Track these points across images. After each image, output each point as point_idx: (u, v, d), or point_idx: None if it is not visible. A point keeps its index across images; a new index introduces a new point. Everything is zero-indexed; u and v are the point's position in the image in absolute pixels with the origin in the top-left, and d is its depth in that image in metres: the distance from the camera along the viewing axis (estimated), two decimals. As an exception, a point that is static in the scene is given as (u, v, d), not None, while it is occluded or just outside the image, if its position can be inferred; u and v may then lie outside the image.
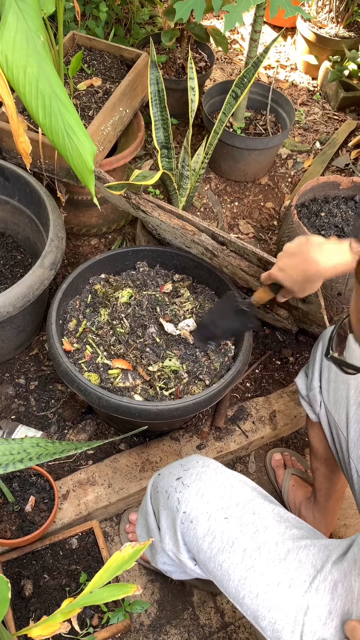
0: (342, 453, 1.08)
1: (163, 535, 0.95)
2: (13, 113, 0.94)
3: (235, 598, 0.84)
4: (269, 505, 0.89)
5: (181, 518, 0.89)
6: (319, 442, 1.22)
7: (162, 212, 1.36)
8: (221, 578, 0.85)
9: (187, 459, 0.98)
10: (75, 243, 1.91)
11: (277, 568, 0.81)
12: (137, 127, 1.79)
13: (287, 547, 0.83)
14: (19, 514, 1.23)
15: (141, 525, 1.10)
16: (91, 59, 1.81)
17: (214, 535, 0.86)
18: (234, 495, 0.89)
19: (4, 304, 1.26)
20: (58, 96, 0.86)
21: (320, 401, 1.13)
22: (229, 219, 2.08)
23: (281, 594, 0.80)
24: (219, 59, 2.74)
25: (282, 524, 0.87)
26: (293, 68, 2.78)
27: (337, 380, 1.08)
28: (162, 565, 1.02)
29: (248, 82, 1.53)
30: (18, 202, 1.59)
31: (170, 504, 0.92)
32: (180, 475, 0.94)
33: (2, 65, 0.84)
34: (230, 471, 0.94)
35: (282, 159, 2.31)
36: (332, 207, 1.73)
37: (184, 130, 2.30)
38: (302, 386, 1.19)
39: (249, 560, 0.83)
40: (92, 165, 0.92)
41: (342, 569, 0.79)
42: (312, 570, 0.80)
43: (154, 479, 1.03)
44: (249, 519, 0.86)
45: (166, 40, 2.01)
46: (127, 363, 1.29)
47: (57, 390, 1.56)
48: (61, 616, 0.88)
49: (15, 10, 0.87)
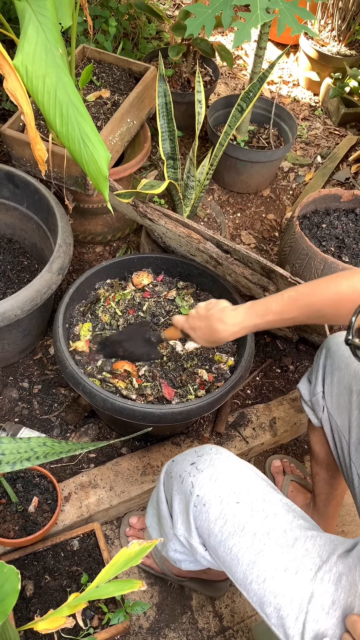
0: (343, 457, 1.10)
1: (175, 520, 0.97)
2: (31, 120, 0.97)
3: (243, 584, 0.86)
4: (278, 495, 0.92)
5: (194, 501, 0.92)
6: (320, 447, 1.24)
7: (168, 220, 1.39)
8: (230, 563, 0.87)
9: (200, 447, 1.01)
10: (80, 250, 1.94)
11: (284, 554, 0.83)
12: (143, 138, 1.83)
13: (295, 535, 0.85)
14: (22, 514, 1.24)
15: (151, 515, 1.11)
16: (100, 72, 1.85)
17: (225, 519, 0.88)
18: (245, 482, 0.92)
19: (13, 307, 1.29)
20: (75, 105, 0.90)
21: (323, 406, 1.16)
22: (231, 230, 2.12)
23: (288, 580, 0.82)
24: (223, 74, 2.80)
25: (290, 513, 0.89)
26: (295, 84, 2.84)
27: (339, 385, 1.11)
28: (173, 554, 1.04)
29: (253, 97, 1.58)
30: (27, 208, 1.62)
31: (184, 488, 0.94)
32: (194, 461, 0.96)
33: (22, 75, 0.87)
34: (242, 460, 0.97)
35: (284, 172, 2.36)
36: (333, 219, 1.76)
37: (188, 142, 2.35)
38: (305, 391, 1.21)
39: (258, 545, 0.85)
40: (107, 171, 0.95)
41: (347, 563, 0.81)
42: (318, 560, 0.82)
43: (168, 465, 1.05)
44: (259, 505, 0.89)
45: (173, 55, 2.06)
46: (132, 365, 1.31)
47: (60, 394, 1.58)
48: (67, 610, 0.89)
49: (35, 23, 0.90)
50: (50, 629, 0.90)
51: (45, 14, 0.94)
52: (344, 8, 2.51)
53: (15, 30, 1.69)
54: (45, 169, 1.13)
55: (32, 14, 0.93)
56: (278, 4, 1.22)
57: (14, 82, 0.92)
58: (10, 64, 0.92)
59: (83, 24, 2.04)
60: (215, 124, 2.18)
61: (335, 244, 1.71)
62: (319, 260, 1.54)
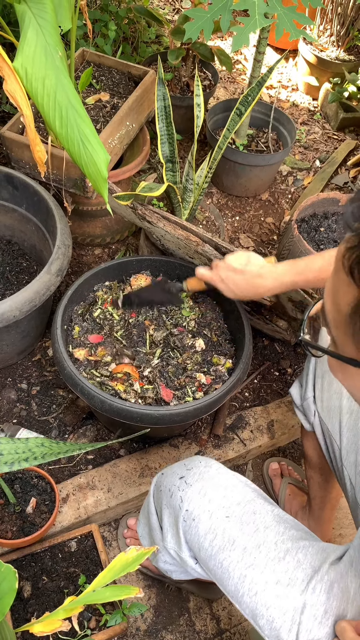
0: (335, 461, 1.10)
1: (165, 533, 0.97)
2: (31, 122, 0.98)
3: (235, 596, 0.86)
4: (269, 506, 0.91)
5: (183, 516, 0.91)
6: (313, 451, 1.25)
7: (167, 222, 1.40)
8: (221, 576, 0.87)
9: (190, 459, 1.01)
10: (79, 252, 1.94)
11: (276, 567, 0.83)
12: (142, 141, 1.83)
13: (286, 546, 0.85)
14: (20, 515, 1.24)
15: (143, 525, 1.11)
16: (100, 75, 1.86)
17: (215, 534, 0.88)
18: (235, 495, 0.92)
19: (11, 308, 1.29)
20: (74, 107, 0.91)
21: (314, 410, 1.15)
22: (230, 233, 2.13)
23: (279, 592, 0.82)
24: (222, 78, 2.82)
25: (281, 524, 0.89)
26: (294, 89, 2.86)
27: (330, 389, 1.11)
28: (163, 565, 1.04)
29: (252, 101, 1.59)
30: (26, 210, 1.63)
31: (173, 502, 0.94)
32: (183, 475, 0.96)
33: (22, 78, 0.88)
34: (231, 472, 0.96)
35: (283, 176, 2.37)
36: (332, 223, 1.77)
37: (187, 145, 2.36)
38: (297, 396, 1.21)
39: (248, 559, 0.85)
40: (106, 173, 0.96)
41: (338, 570, 0.81)
42: (310, 570, 0.82)
43: (157, 478, 1.05)
44: (249, 518, 0.88)
45: (172, 59, 2.07)
46: (132, 367, 1.32)
47: (58, 396, 1.59)
48: (63, 613, 0.89)
49: (35, 26, 0.91)
50: (47, 631, 0.90)
51: (44, 16, 0.95)
52: (343, 14, 2.53)
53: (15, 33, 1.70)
54: (45, 170, 1.13)
55: (31, 17, 0.93)
56: (276, 9, 1.23)
57: (13, 84, 0.93)
58: (10, 66, 0.92)
59: (83, 27, 2.05)
60: (214, 127, 2.19)
61: (334, 247, 1.71)
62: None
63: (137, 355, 1.35)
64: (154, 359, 1.35)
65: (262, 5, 1.24)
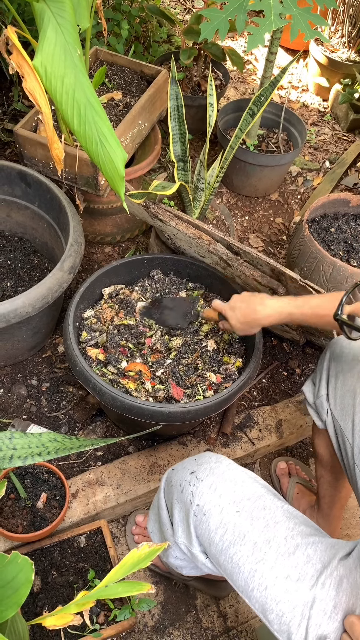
0: (347, 460, 1.10)
1: (176, 528, 0.98)
2: (49, 120, 0.98)
3: (245, 591, 0.86)
4: (279, 502, 0.92)
5: (194, 510, 0.92)
6: (324, 449, 1.25)
7: (179, 221, 1.41)
8: (231, 571, 0.88)
9: (200, 455, 1.01)
10: (89, 250, 1.95)
11: (286, 562, 0.84)
12: (154, 140, 1.84)
13: (296, 542, 0.86)
14: (30, 509, 1.25)
15: (153, 521, 1.12)
16: (112, 74, 1.87)
17: (225, 528, 0.89)
18: (245, 490, 0.92)
19: (24, 304, 1.30)
20: (93, 106, 0.91)
21: (327, 409, 1.16)
22: (239, 233, 2.13)
23: (289, 587, 0.82)
24: (233, 78, 2.82)
25: (291, 520, 0.89)
26: (304, 89, 2.86)
27: (343, 388, 1.12)
28: (174, 560, 1.05)
29: (265, 101, 1.59)
30: (38, 207, 1.64)
31: (184, 497, 0.95)
32: (194, 470, 0.97)
33: (41, 76, 0.89)
34: (241, 468, 0.97)
35: (293, 177, 2.37)
36: (342, 224, 1.77)
37: (197, 145, 2.37)
38: (310, 394, 1.22)
39: (259, 553, 0.85)
40: (123, 171, 0.97)
41: (347, 565, 0.82)
42: (320, 565, 0.83)
43: (168, 473, 1.05)
44: (259, 514, 0.89)
45: (184, 59, 2.08)
46: (145, 366, 1.32)
47: (68, 392, 1.60)
48: (75, 607, 0.90)
49: (54, 25, 0.92)
50: (58, 625, 0.91)
51: (64, 15, 0.96)
52: (355, 15, 2.52)
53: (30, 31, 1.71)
54: (62, 168, 1.14)
55: (51, 16, 0.94)
56: (292, 9, 1.24)
57: (33, 82, 0.93)
58: (29, 64, 0.93)
59: (96, 26, 2.06)
60: (225, 127, 2.20)
61: (344, 248, 1.72)
62: (328, 264, 1.55)
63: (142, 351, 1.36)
64: (167, 359, 1.36)
65: (278, 6, 1.24)
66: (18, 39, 1.01)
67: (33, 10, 1.01)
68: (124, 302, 1.48)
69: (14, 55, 0.95)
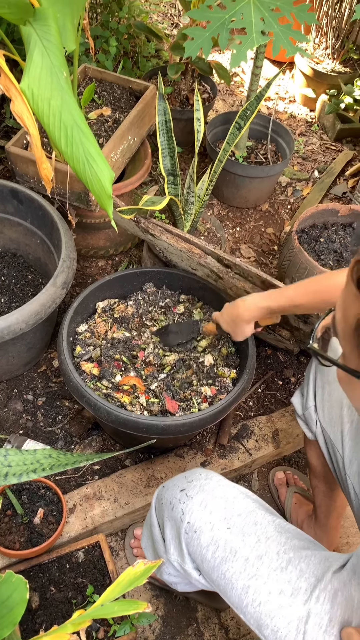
0: (339, 470, 1.11)
1: (168, 546, 0.98)
2: (37, 142, 1.00)
3: (239, 607, 0.86)
4: (270, 517, 0.92)
5: (185, 528, 0.92)
6: (316, 460, 1.25)
7: (169, 235, 1.42)
8: (225, 587, 0.88)
9: (190, 471, 1.01)
10: (82, 264, 1.97)
11: (278, 577, 0.84)
12: (144, 154, 1.86)
13: (288, 556, 0.86)
14: (27, 525, 1.26)
15: (146, 537, 1.12)
16: (101, 90, 1.90)
17: (217, 545, 0.89)
18: (236, 506, 0.92)
19: (18, 321, 1.31)
20: (79, 127, 0.93)
21: (316, 419, 1.16)
22: (231, 244, 2.15)
23: (283, 602, 0.82)
24: (221, 91, 2.86)
25: (283, 534, 0.89)
26: (292, 100, 2.90)
27: (331, 399, 1.12)
28: (167, 577, 1.05)
29: (251, 115, 1.62)
30: (30, 224, 1.65)
31: (174, 515, 0.95)
32: (184, 487, 0.97)
33: (28, 98, 0.91)
34: (232, 483, 0.97)
35: (282, 187, 2.40)
36: (331, 233, 1.80)
37: (187, 157, 2.39)
38: (298, 405, 1.22)
39: (251, 569, 0.85)
40: (111, 190, 0.98)
41: (341, 579, 0.82)
42: (313, 579, 0.83)
43: (159, 491, 1.05)
44: (251, 529, 0.89)
45: (172, 74, 2.11)
46: (139, 380, 1.33)
47: (64, 407, 1.60)
48: (71, 627, 0.90)
49: (40, 48, 0.94)
50: (54, 645, 0.90)
51: (49, 38, 0.98)
52: (338, 27, 2.57)
53: (19, 50, 1.73)
54: (51, 187, 1.16)
55: (37, 39, 0.96)
56: (273, 27, 1.26)
57: (20, 105, 0.95)
58: (17, 87, 0.95)
59: (84, 44, 2.09)
60: (214, 140, 2.23)
61: (334, 257, 1.73)
62: (318, 274, 1.56)
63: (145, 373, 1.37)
64: (161, 374, 1.37)
65: (259, 24, 1.27)
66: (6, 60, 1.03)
67: (21, 33, 1.03)
68: (118, 318, 1.49)
69: (1, 79, 0.97)
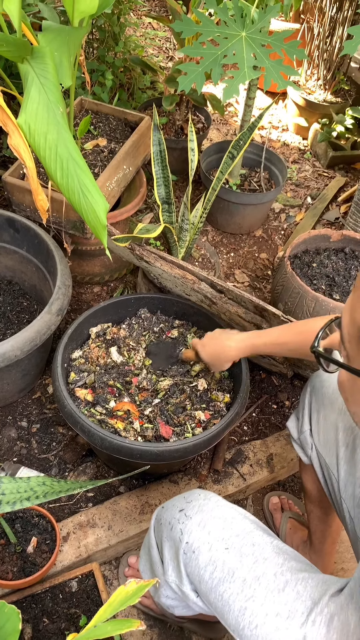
0: (334, 494, 1.11)
1: (166, 567, 0.98)
2: (34, 174, 1.03)
3: (236, 630, 0.86)
4: (268, 538, 0.92)
5: (184, 548, 0.92)
6: (312, 484, 1.25)
7: (164, 262, 1.45)
8: (222, 609, 0.88)
9: (189, 492, 1.02)
10: (78, 290, 1.99)
11: (275, 599, 0.84)
12: (139, 183, 1.90)
13: (285, 578, 0.86)
14: (20, 555, 1.24)
15: (144, 560, 1.12)
16: (97, 121, 1.95)
17: (215, 565, 0.89)
18: (234, 527, 0.93)
19: (13, 348, 1.32)
20: (75, 159, 0.96)
21: (312, 443, 1.17)
22: (225, 269, 2.18)
23: (279, 625, 0.82)
24: (215, 120, 2.93)
25: (280, 555, 0.89)
26: (284, 129, 2.97)
27: (326, 422, 1.13)
28: (165, 599, 1.04)
29: (244, 144, 1.66)
30: (26, 252, 1.68)
31: (173, 535, 0.95)
32: (183, 507, 0.97)
33: (25, 133, 0.94)
34: (230, 504, 0.98)
35: (276, 213, 2.44)
36: (324, 259, 1.82)
37: (182, 185, 2.44)
38: (294, 429, 1.23)
39: (248, 590, 0.85)
40: (105, 220, 1.01)
41: (338, 602, 0.82)
42: (310, 602, 0.83)
43: (158, 511, 1.06)
44: (248, 550, 0.89)
45: (167, 105, 2.16)
46: (133, 405, 1.34)
47: (58, 433, 1.60)
48: (65, 652, 0.89)
49: (37, 84, 0.98)
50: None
51: (47, 76, 1.02)
52: (329, 59, 2.65)
53: (16, 84, 1.78)
54: (47, 217, 1.18)
55: (34, 76, 1.00)
56: (264, 62, 1.31)
57: (17, 139, 0.98)
58: (14, 122, 0.98)
59: (81, 77, 2.15)
60: (208, 168, 2.27)
61: (326, 282, 1.76)
62: (310, 299, 1.58)
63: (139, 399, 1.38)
64: (155, 399, 1.38)
65: (251, 59, 1.31)
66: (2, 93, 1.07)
67: (19, 70, 1.07)
68: (111, 340, 1.50)
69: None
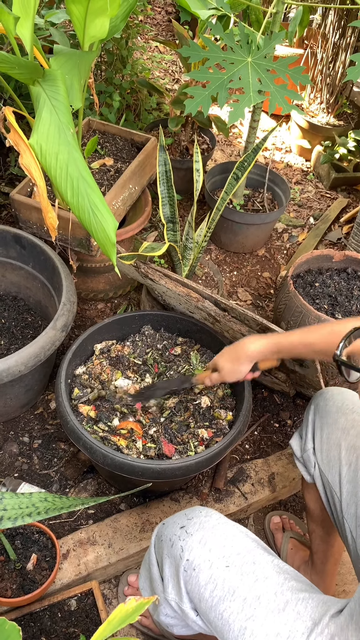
0: (336, 513, 1.11)
1: (166, 584, 0.97)
2: (44, 193, 1.05)
3: None
4: (269, 557, 0.92)
5: (184, 566, 0.92)
6: (314, 504, 1.25)
7: (168, 280, 1.46)
8: (222, 628, 0.87)
9: (191, 509, 1.02)
10: (82, 307, 2.00)
11: (276, 618, 0.83)
12: (144, 202, 1.93)
13: (286, 597, 0.85)
14: (20, 572, 1.24)
15: (144, 577, 1.11)
16: (104, 141, 1.98)
17: (215, 584, 0.89)
18: (235, 545, 0.92)
19: (17, 363, 1.33)
20: (85, 179, 0.98)
21: (315, 462, 1.17)
22: (228, 287, 2.20)
23: None
24: (220, 141, 2.97)
25: (281, 575, 0.89)
26: (288, 150, 3.01)
27: (329, 441, 1.13)
28: (164, 618, 1.03)
29: (248, 166, 1.69)
30: (32, 268, 1.70)
31: (174, 552, 0.95)
32: (184, 524, 0.97)
33: (37, 153, 0.96)
34: (231, 522, 0.97)
35: (278, 233, 2.47)
36: (326, 278, 1.84)
37: (187, 204, 2.47)
38: (297, 447, 1.23)
39: (249, 610, 0.85)
40: (115, 239, 1.03)
41: (339, 623, 0.82)
42: (310, 622, 0.82)
43: (159, 528, 1.05)
44: (249, 568, 0.89)
45: (173, 126, 2.21)
46: (137, 425, 1.34)
47: (60, 449, 1.60)
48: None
49: (49, 107, 1.00)
50: None
51: (58, 98, 1.04)
52: (332, 84, 2.70)
53: (26, 105, 1.82)
54: (56, 235, 1.20)
55: (46, 98, 1.03)
56: (269, 87, 1.34)
57: (28, 159, 1.01)
58: (25, 142, 1.01)
59: (89, 99, 2.19)
60: (213, 188, 2.31)
61: (328, 301, 1.77)
62: (313, 318, 1.60)
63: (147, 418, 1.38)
64: (161, 417, 1.39)
65: (256, 84, 1.35)
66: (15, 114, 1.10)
67: (30, 92, 1.10)
68: (115, 359, 1.51)
69: (11, 134, 1.03)
